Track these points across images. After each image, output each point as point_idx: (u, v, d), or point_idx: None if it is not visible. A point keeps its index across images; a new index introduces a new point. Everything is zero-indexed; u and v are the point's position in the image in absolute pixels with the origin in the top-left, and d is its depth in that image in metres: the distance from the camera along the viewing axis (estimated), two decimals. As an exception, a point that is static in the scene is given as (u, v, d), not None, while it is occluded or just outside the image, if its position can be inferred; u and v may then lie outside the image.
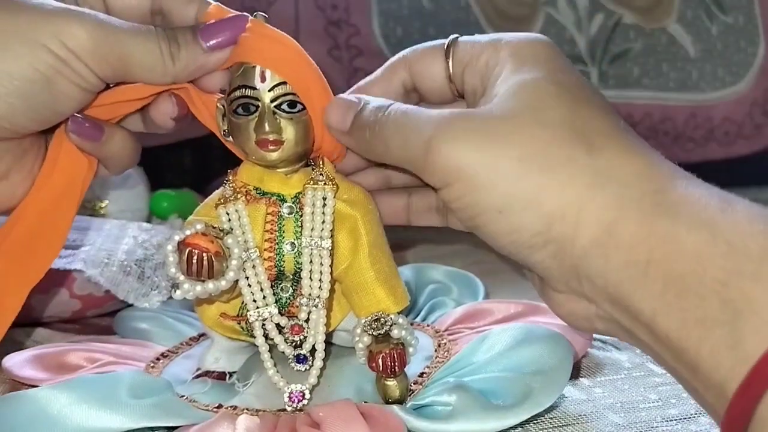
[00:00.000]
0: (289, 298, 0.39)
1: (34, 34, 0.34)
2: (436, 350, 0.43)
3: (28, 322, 0.51)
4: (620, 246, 0.28)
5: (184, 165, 0.85)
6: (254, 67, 0.37)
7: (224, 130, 0.39)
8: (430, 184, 0.33)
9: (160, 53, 0.36)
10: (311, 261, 0.37)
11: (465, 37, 0.37)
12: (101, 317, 0.54)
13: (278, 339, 0.37)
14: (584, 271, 0.30)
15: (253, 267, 0.37)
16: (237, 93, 0.37)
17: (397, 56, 0.39)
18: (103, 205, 0.65)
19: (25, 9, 0.35)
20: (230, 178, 0.39)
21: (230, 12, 0.38)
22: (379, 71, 0.39)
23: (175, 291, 0.35)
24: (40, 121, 0.37)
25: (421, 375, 0.40)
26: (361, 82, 0.40)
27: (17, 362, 0.42)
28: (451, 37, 0.37)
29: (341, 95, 0.38)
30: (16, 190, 0.39)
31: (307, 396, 0.37)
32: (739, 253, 0.26)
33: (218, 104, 0.39)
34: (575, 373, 0.42)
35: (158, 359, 0.44)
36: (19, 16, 0.34)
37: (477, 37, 0.36)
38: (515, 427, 0.35)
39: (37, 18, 0.34)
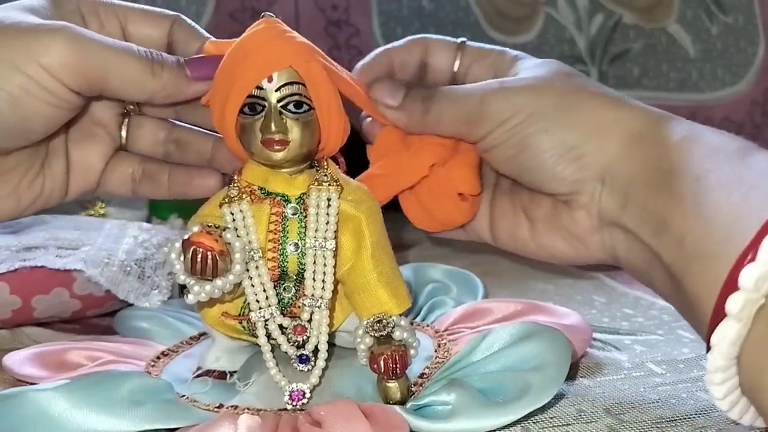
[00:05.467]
0: (292, 299, 0.39)
1: (8, 55, 0.34)
2: (436, 350, 0.43)
3: (28, 322, 0.51)
4: (638, 151, 0.37)
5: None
6: None
7: None
8: (479, 135, 0.40)
9: (140, 67, 0.37)
10: (315, 262, 0.37)
11: (471, 42, 0.45)
12: (101, 317, 0.54)
13: (281, 339, 0.38)
14: (609, 175, 0.38)
15: (256, 267, 0.37)
16: None
17: (416, 36, 0.45)
18: (102, 205, 0.65)
19: (4, 31, 0.35)
20: (235, 177, 0.39)
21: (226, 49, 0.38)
22: (399, 43, 0.45)
23: (186, 296, 0.35)
24: (12, 138, 0.37)
25: (422, 375, 0.40)
26: (385, 47, 0.46)
27: (17, 360, 0.42)
28: (460, 39, 0.45)
29: (387, 79, 0.43)
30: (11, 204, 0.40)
31: (307, 395, 0.37)
32: (710, 146, 0.35)
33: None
34: (575, 373, 0.42)
35: (158, 358, 0.44)
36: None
37: (482, 44, 0.45)
38: (515, 425, 0.35)
39: (12, 37, 0.34)
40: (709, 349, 0.30)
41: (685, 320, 0.36)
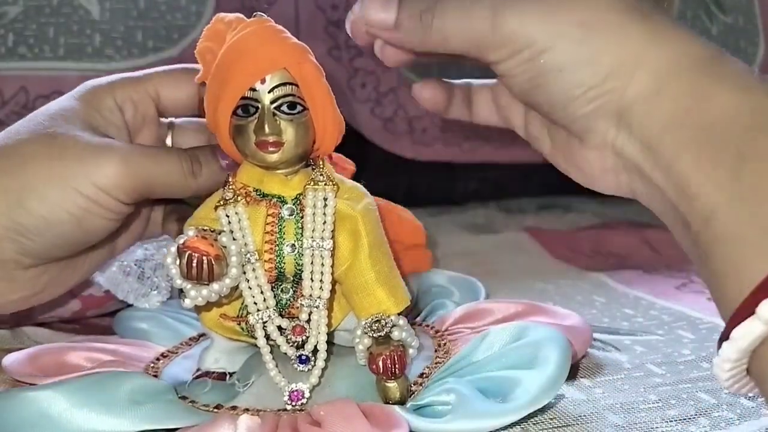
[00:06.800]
0: (290, 300, 0.39)
1: (68, 180, 0.38)
2: (436, 350, 0.43)
3: (28, 322, 0.51)
4: (666, 98, 0.32)
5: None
6: None
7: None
8: (493, 60, 0.36)
9: (182, 173, 0.40)
10: (312, 262, 0.37)
11: None
12: (101, 317, 0.54)
13: (280, 340, 0.38)
14: (626, 120, 0.34)
15: (253, 270, 0.37)
16: None
17: None
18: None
19: (62, 152, 0.38)
20: (230, 179, 0.39)
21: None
22: None
23: (183, 300, 0.35)
24: (70, 250, 0.41)
25: (421, 375, 0.40)
26: None
27: (17, 361, 0.42)
28: None
29: None
30: (44, 297, 0.43)
31: (307, 395, 0.37)
32: (761, 114, 0.30)
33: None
34: (575, 373, 0.42)
35: (158, 359, 0.44)
36: (55, 161, 0.38)
37: None
38: (514, 426, 0.35)
39: (71, 162, 0.38)
40: (726, 336, 0.29)
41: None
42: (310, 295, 0.37)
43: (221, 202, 0.38)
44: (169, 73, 0.44)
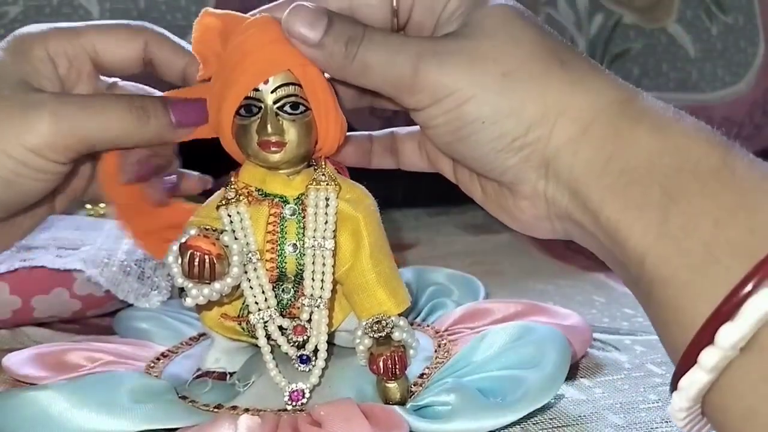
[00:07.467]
0: (291, 300, 0.39)
1: None
2: (436, 351, 0.43)
3: (28, 322, 0.51)
4: (590, 144, 0.33)
5: (184, 166, 0.85)
6: None
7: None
8: (411, 105, 0.35)
9: (126, 121, 0.37)
10: (314, 262, 0.37)
11: None
12: (101, 317, 0.54)
13: (281, 340, 0.38)
14: (553, 169, 0.33)
15: (255, 269, 0.37)
16: None
17: None
18: (103, 205, 0.65)
19: None
20: (232, 179, 0.39)
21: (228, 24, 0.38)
22: None
23: (184, 299, 0.35)
24: (6, 212, 0.38)
25: (421, 376, 0.40)
26: None
27: (17, 361, 0.42)
28: None
29: (304, 2, 0.36)
30: None
31: (307, 395, 0.37)
32: (682, 153, 0.30)
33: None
34: (575, 373, 0.42)
35: (158, 359, 0.44)
36: None
37: None
38: (514, 426, 0.35)
39: None
40: (675, 384, 0.29)
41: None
42: (311, 295, 0.37)
43: (223, 202, 0.38)
44: (109, 29, 0.40)
